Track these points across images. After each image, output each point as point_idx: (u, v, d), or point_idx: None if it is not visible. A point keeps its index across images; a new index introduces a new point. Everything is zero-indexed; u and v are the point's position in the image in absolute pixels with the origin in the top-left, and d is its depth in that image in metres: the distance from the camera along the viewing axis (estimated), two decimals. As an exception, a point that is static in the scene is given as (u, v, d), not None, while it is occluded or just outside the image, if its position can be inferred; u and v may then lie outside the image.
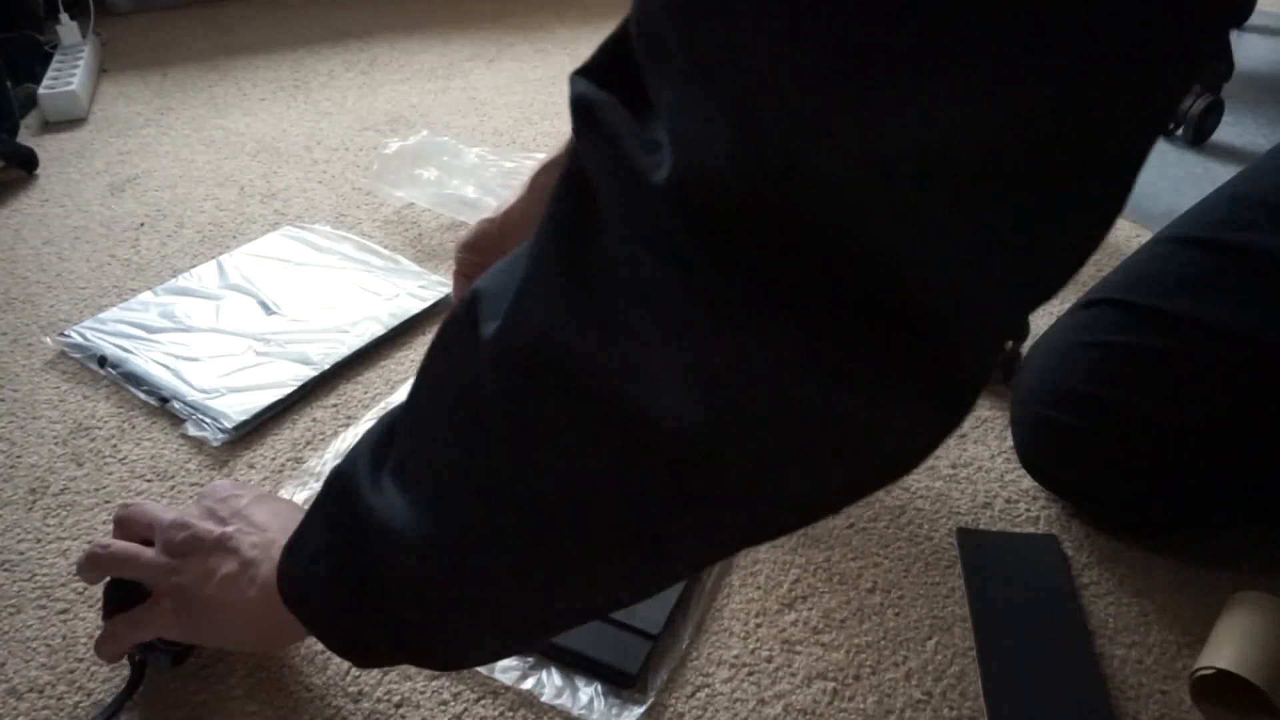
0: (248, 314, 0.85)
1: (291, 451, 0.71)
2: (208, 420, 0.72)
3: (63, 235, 1.03)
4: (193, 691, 0.53)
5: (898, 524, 0.63)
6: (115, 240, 1.02)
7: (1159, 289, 0.59)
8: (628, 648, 0.53)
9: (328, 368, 0.78)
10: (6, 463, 0.71)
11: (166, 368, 0.77)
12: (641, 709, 0.51)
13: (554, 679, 0.52)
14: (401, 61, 1.57)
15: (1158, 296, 0.59)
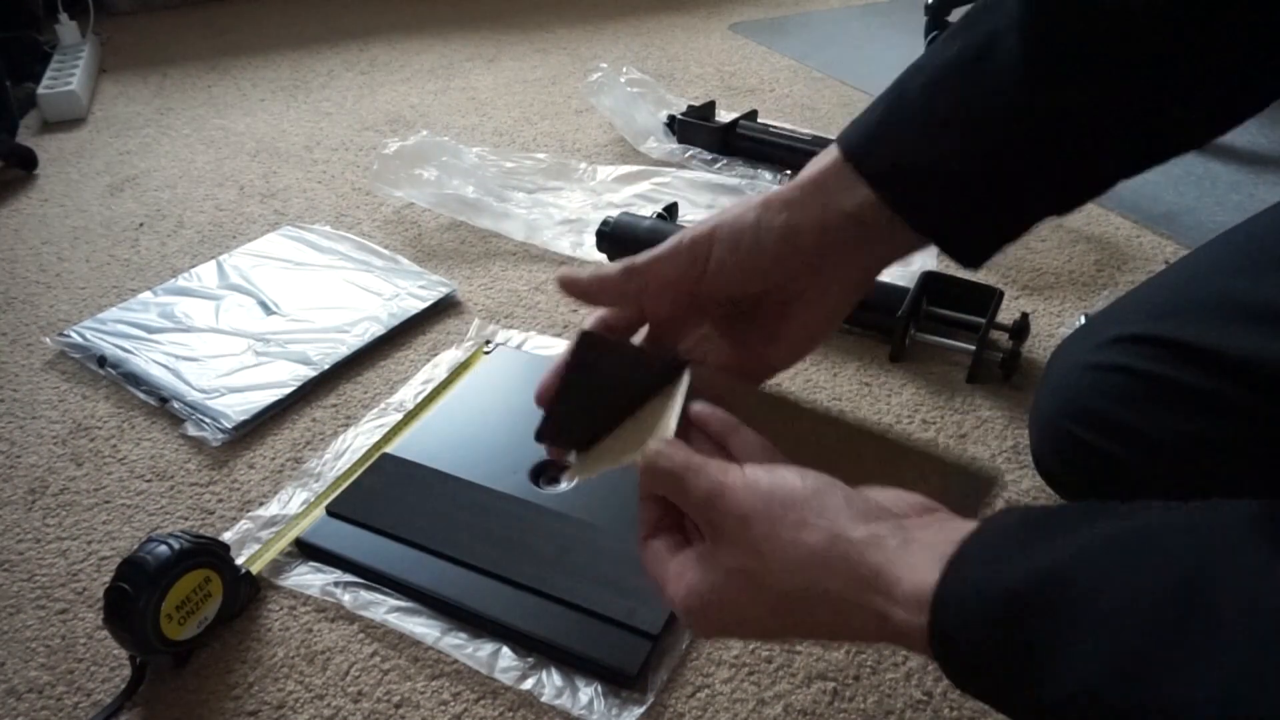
0: (248, 314, 0.85)
1: (291, 451, 0.71)
2: (207, 420, 0.72)
3: (62, 235, 1.03)
4: (193, 691, 0.53)
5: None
6: (115, 240, 1.02)
7: (1197, 321, 0.56)
8: (628, 648, 0.53)
9: (328, 368, 0.78)
10: (6, 463, 0.71)
11: (166, 368, 0.77)
12: (641, 709, 0.51)
13: (554, 679, 0.52)
14: (401, 61, 1.57)
15: (1198, 330, 0.55)
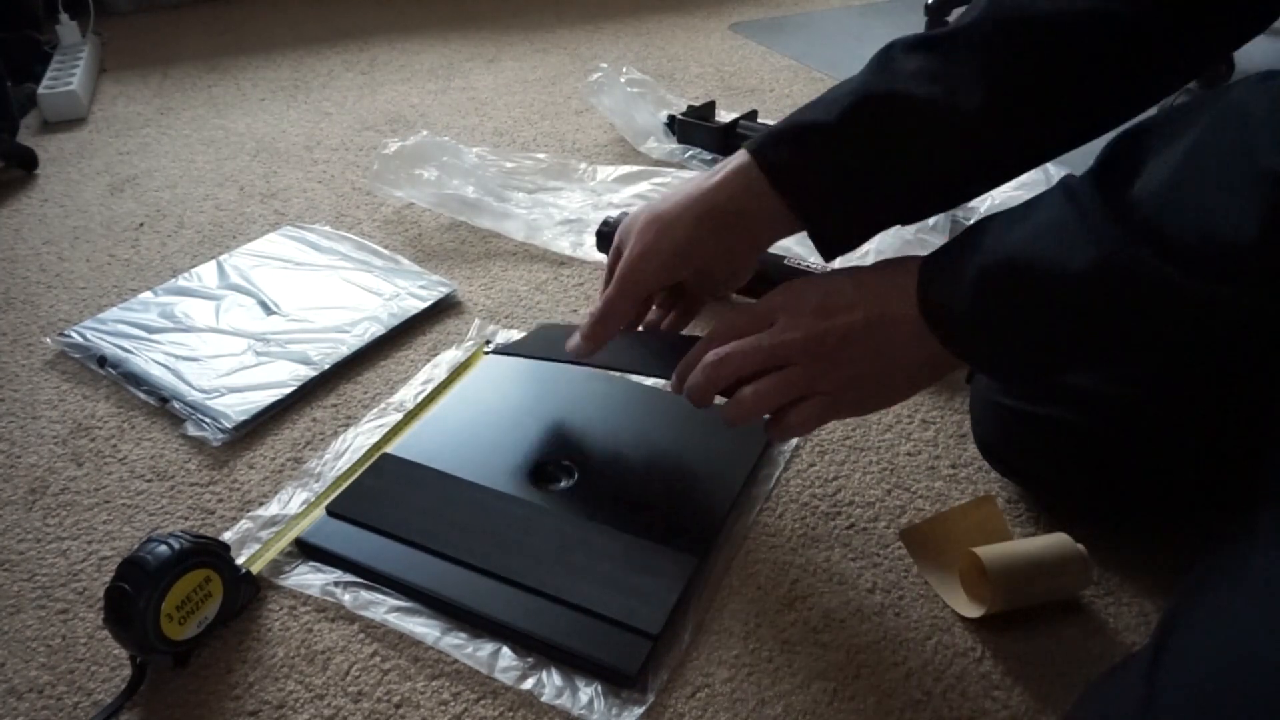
0: (248, 314, 0.85)
1: (291, 451, 0.71)
2: (208, 420, 0.72)
3: (63, 235, 1.03)
4: (193, 691, 0.53)
5: (898, 524, 0.63)
6: (115, 240, 1.02)
7: None
8: (628, 648, 0.53)
9: (328, 368, 0.78)
10: (6, 463, 0.71)
11: (166, 368, 0.77)
12: (641, 709, 0.51)
13: (554, 679, 0.52)
14: (401, 61, 1.57)
15: None
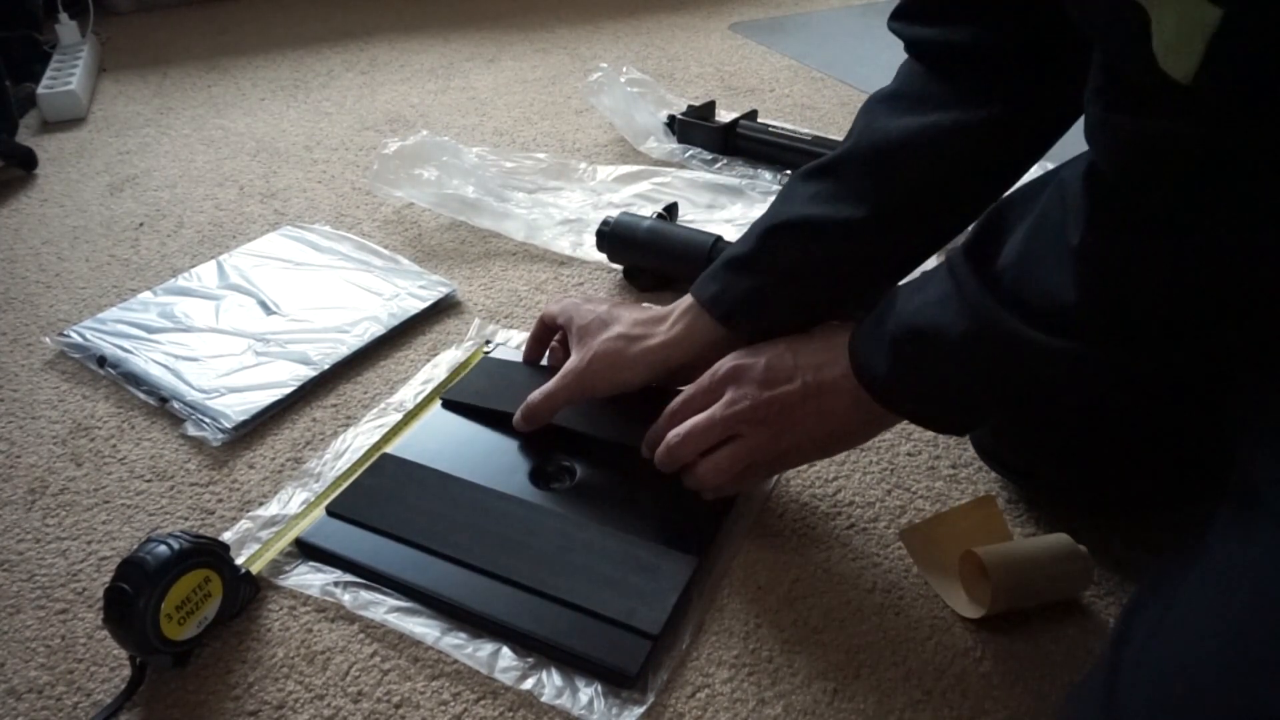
0: (248, 314, 0.85)
1: (291, 451, 0.71)
2: (207, 420, 0.72)
3: (62, 235, 1.03)
4: (192, 691, 0.53)
5: (898, 524, 0.63)
6: (115, 240, 1.02)
7: None
8: (628, 648, 0.53)
9: (327, 368, 0.78)
10: (6, 463, 0.71)
11: (166, 368, 0.77)
12: (641, 709, 0.51)
13: (554, 679, 0.52)
14: (401, 61, 1.57)
15: None
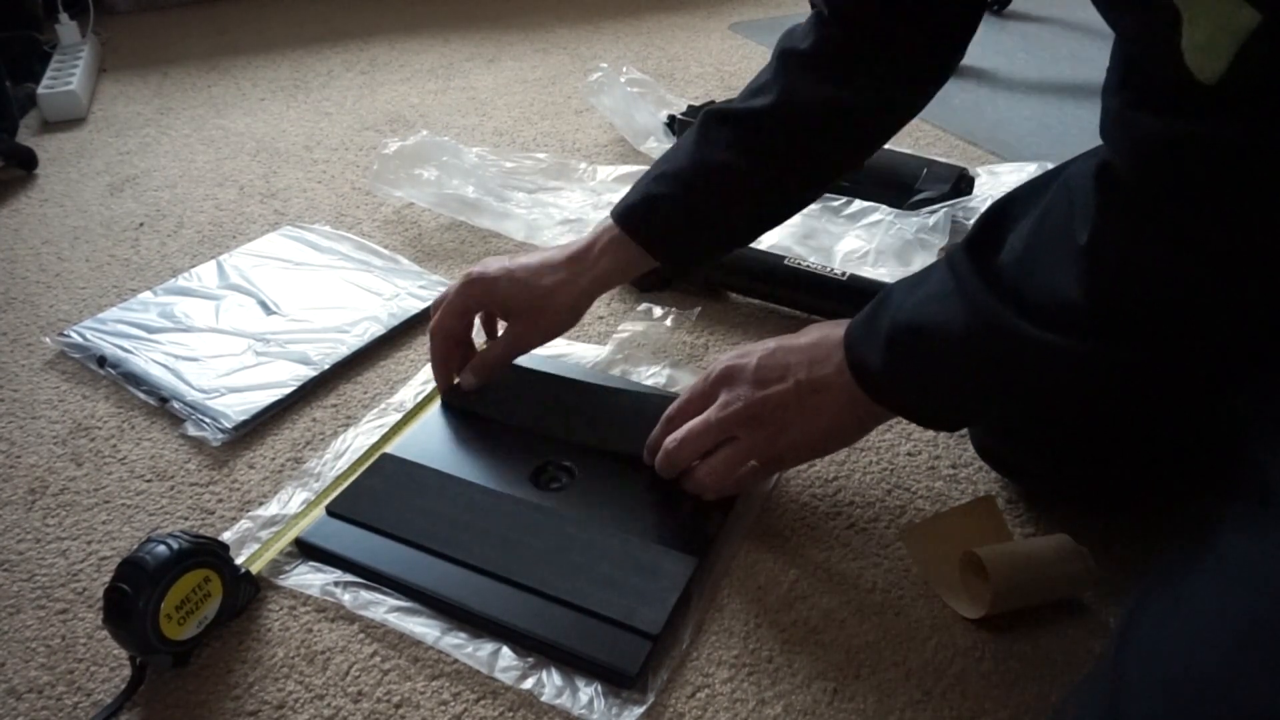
0: (248, 314, 0.85)
1: (291, 451, 0.71)
2: (207, 420, 0.72)
3: (62, 235, 1.03)
4: (192, 691, 0.53)
5: (898, 524, 0.63)
6: (115, 240, 1.02)
7: None
8: (628, 648, 0.53)
9: (327, 368, 0.78)
10: (6, 463, 0.71)
11: (166, 368, 0.77)
12: (641, 709, 0.51)
13: (554, 679, 0.52)
14: (401, 61, 1.57)
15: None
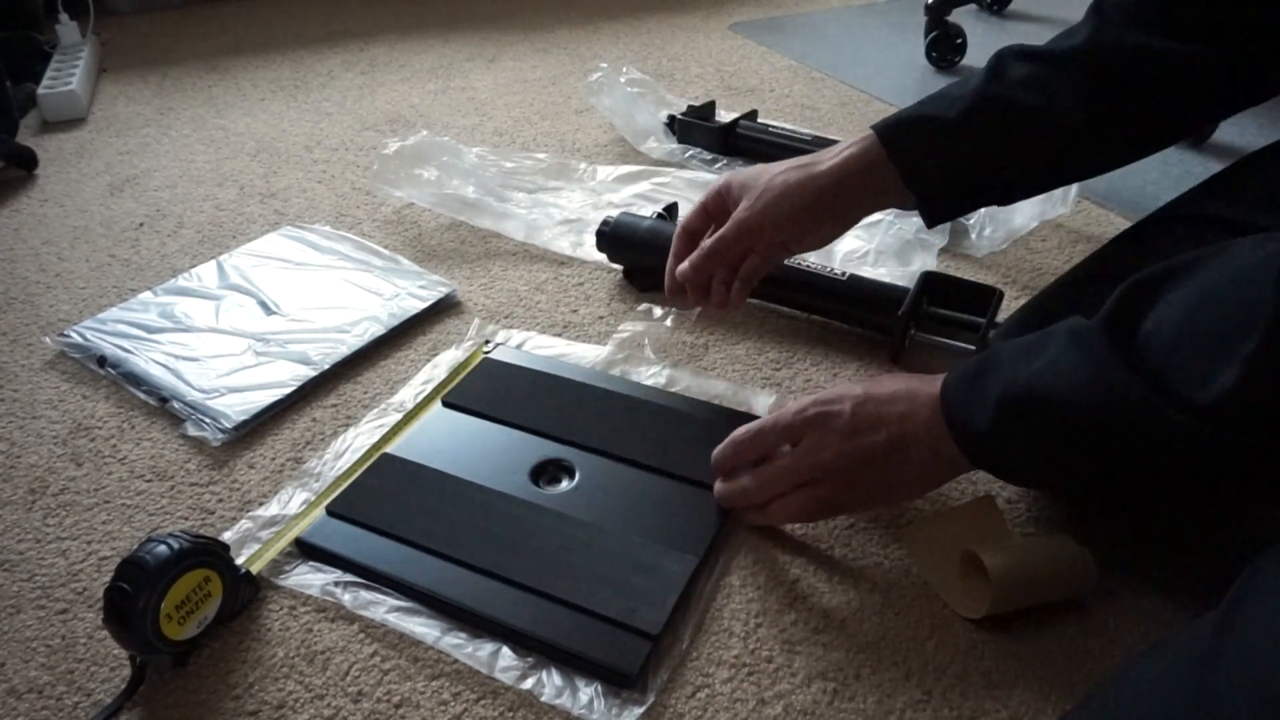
0: (248, 314, 0.85)
1: (291, 451, 0.71)
2: (207, 420, 0.72)
3: (62, 235, 1.03)
4: (193, 691, 0.53)
5: (898, 524, 0.63)
6: (115, 240, 1.02)
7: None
8: (628, 648, 0.53)
9: (328, 368, 0.78)
10: (6, 463, 0.71)
11: (166, 368, 0.77)
12: (641, 709, 0.51)
13: (554, 679, 0.52)
14: (401, 61, 1.57)
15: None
